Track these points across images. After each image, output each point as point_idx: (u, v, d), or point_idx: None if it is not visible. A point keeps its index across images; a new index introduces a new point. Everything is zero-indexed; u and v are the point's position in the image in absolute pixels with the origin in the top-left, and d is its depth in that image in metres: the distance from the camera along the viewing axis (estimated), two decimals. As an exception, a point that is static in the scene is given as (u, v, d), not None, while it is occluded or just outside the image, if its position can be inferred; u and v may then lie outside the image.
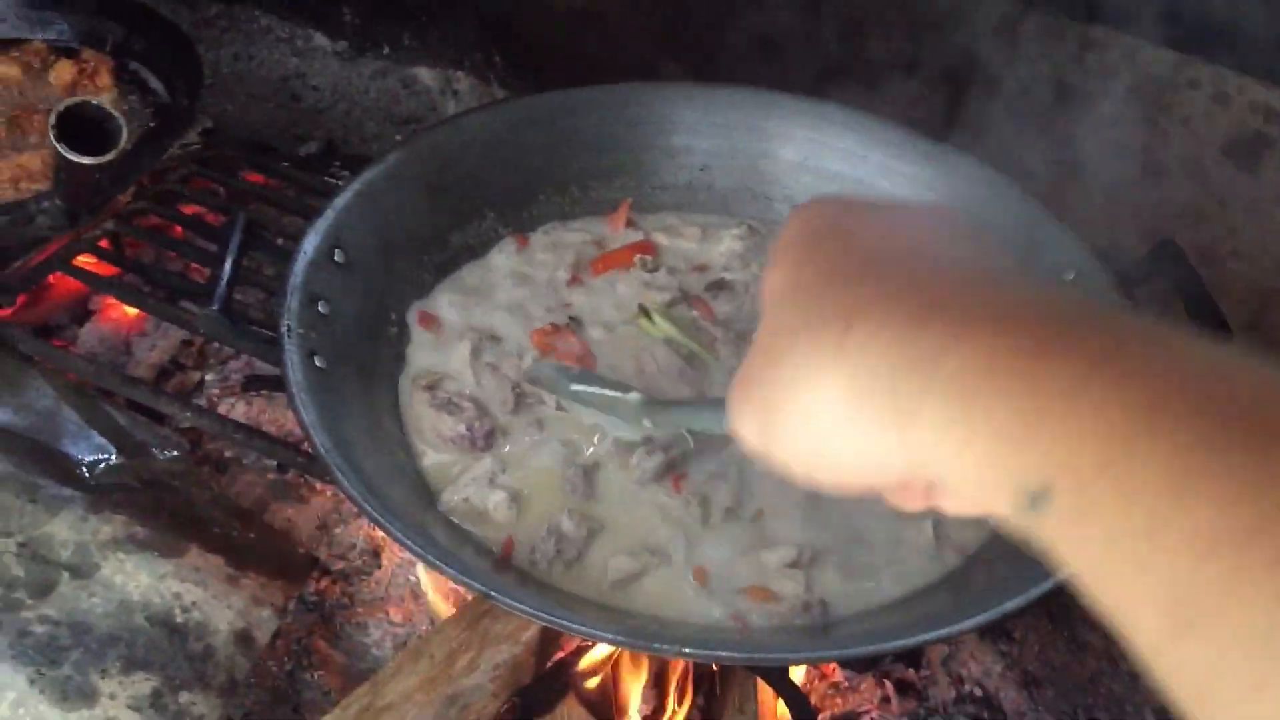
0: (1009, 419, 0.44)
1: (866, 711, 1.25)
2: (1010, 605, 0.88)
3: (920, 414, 0.47)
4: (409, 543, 0.88)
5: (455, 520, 1.02)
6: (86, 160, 1.08)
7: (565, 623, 0.86)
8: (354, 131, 1.94)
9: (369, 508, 0.90)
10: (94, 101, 1.09)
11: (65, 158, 1.08)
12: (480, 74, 1.99)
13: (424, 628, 1.26)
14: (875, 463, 0.52)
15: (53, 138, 1.06)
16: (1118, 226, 1.48)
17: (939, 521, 1.04)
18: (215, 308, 1.02)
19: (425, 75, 2.03)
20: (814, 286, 0.56)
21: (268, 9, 2.12)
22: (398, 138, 1.93)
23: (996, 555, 1.02)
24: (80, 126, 1.09)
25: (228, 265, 1.05)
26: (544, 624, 0.87)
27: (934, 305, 0.49)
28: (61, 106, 1.07)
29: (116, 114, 1.09)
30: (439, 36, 1.98)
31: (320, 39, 2.09)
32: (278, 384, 1.42)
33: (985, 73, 1.47)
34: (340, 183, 1.60)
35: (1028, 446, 0.43)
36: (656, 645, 0.86)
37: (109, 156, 1.08)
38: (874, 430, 0.50)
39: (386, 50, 2.04)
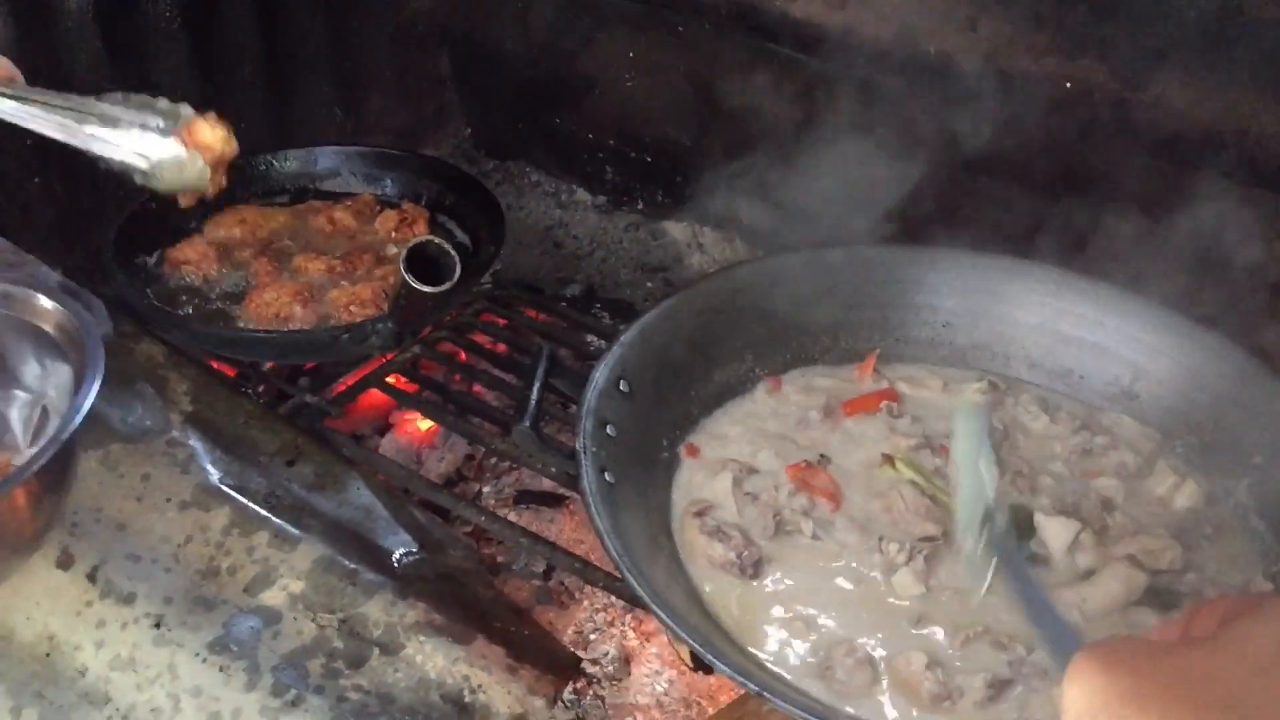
0: None
1: None
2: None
3: None
4: (696, 646, 1.00)
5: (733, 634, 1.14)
6: (428, 289, 1.27)
7: None
8: (609, 277, 2.14)
9: (655, 606, 1.03)
10: (435, 240, 1.29)
11: (410, 286, 1.27)
12: (724, 229, 2.18)
13: (669, 733, 1.37)
14: None
15: (403, 269, 1.26)
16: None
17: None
18: (527, 424, 1.19)
19: (673, 229, 2.23)
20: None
21: (538, 165, 2.39)
22: (649, 284, 2.12)
23: None
24: (419, 262, 1.29)
25: (536, 389, 1.23)
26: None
27: None
28: (412, 243, 1.27)
29: (452, 252, 1.29)
30: (690, 195, 2.18)
31: (582, 193, 2.33)
32: (545, 499, 1.60)
33: (1222, 248, 1.55)
34: (603, 320, 1.82)
35: None
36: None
37: (446, 286, 1.28)
38: None
39: (640, 205, 2.26)
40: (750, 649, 1.12)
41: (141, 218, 1.63)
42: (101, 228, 1.62)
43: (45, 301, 1.20)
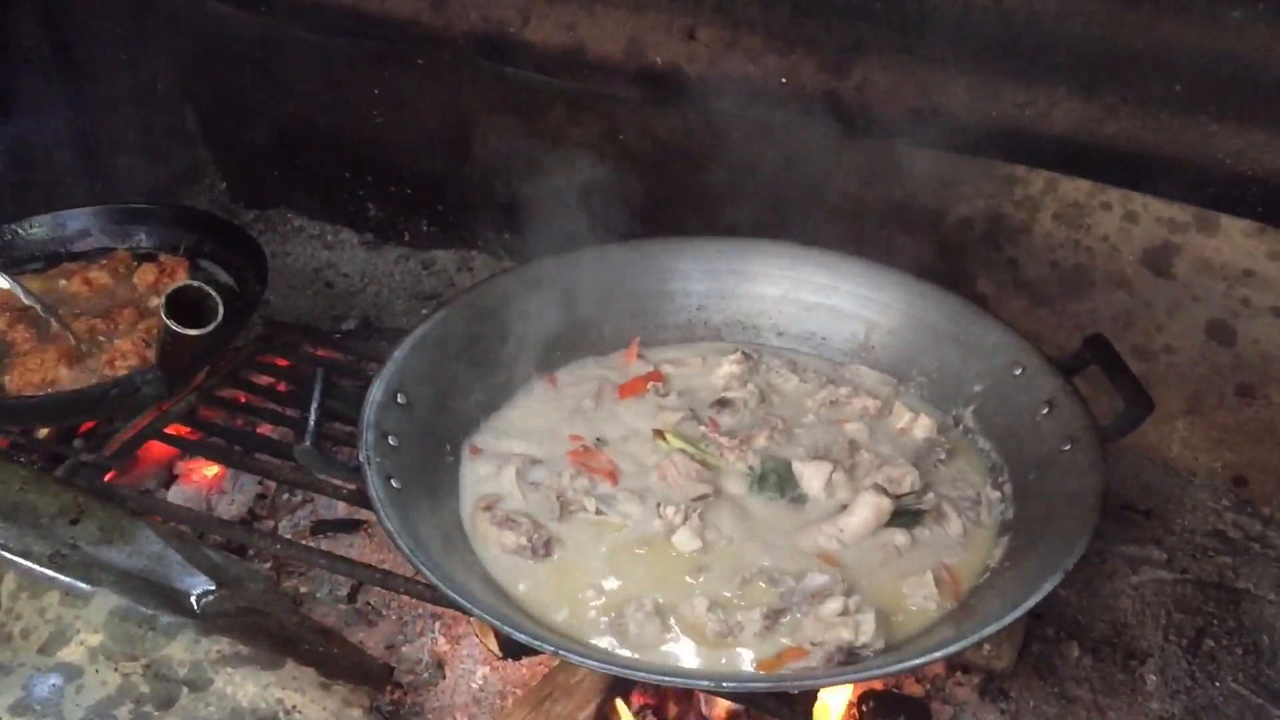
0: None
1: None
2: (994, 627, 1.07)
3: None
4: (493, 620, 1.07)
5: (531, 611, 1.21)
6: (192, 332, 1.30)
7: (631, 671, 1.05)
8: (385, 309, 2.18)
9: (450, 592, 1.09)
10: (194, 284, 1.31)
11: (173, 332, 1.30)
12: (492, 250, 2.25)
13: (489, 726, 1.42)
14: None
15: (164, 314, 1.28)
16: (1059, 334, 1.71)
17: (940, 577, 1.24)
18: (308, 444, 1.23)
19: (443, 257, 2.29)
20: None
21: (299, 210, 2.40)
22: (424, 311, 2.17)
23: (983, 598, 1.21)
24: (182, 307, 1.32)
25: (314, 410, 1.26)
26: (615, 674, 1.05)
27: None
28: (170, 289, 1.30)
29: (213, 294, 1.32)
30: (454, 222, 2.25)
31: (347, 233, 2.36)
32: (342, 526, 1.63)
33: (930, 209, 1.73)
34: (383, 347, 1.86)
35: None
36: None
37: (210, 328, 1.30)
38: None
39: (407, 238, 2.31)
40: (549, 621, 1.20)
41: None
42: None
43: None
